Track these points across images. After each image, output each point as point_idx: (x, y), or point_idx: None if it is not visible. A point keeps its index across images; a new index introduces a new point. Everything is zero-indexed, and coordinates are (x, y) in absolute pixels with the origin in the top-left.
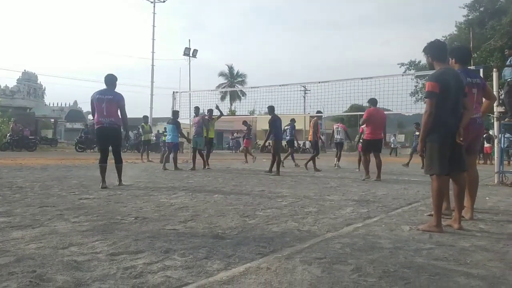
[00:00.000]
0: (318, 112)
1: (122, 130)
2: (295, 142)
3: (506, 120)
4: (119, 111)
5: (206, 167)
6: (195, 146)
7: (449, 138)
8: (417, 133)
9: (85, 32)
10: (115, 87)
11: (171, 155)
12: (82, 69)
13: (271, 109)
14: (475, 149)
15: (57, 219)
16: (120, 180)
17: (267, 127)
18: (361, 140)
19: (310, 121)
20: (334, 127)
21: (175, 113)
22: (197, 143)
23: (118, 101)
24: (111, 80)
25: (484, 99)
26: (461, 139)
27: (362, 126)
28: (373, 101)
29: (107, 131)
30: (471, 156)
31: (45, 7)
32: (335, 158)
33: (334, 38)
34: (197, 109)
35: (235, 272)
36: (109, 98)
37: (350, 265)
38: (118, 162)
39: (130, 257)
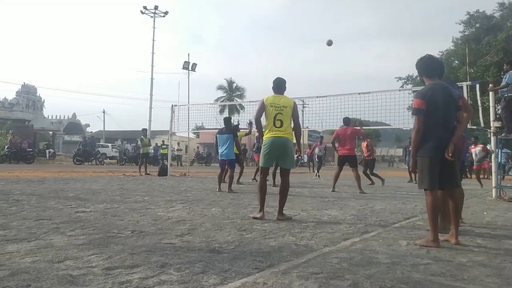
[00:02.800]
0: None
1: None
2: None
3: (503, 135)
4: None
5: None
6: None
7: (439, 152)
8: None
9: (85, 45)
10: None
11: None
12: (81, 82)
13: None
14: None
15: (53, 232)
16: None
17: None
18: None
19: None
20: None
21: (228, 120)
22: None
23: None
24: None
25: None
26: (450, 154)
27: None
28: (344, 120)
29: None
30: None
31: (45, 21)
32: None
33: (332, 52)
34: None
35: (232, 287)
36: None
37: (347, 281)
38: None
39: (125, 271)
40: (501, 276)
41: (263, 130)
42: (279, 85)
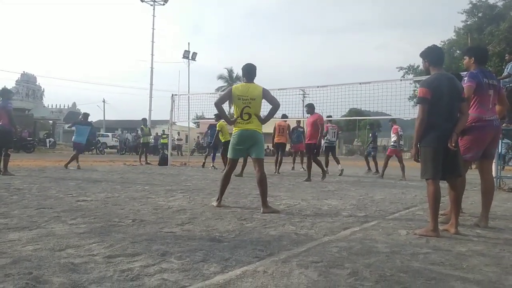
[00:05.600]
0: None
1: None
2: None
3: (504, 125)
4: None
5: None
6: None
7: (442, 142)
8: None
9: (84, 34)
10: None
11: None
12: (81, 71)
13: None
14: (492, 152)
15: (54, 221)
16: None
17: (266, 130)
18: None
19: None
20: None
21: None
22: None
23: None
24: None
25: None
26: (453, 144)
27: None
28: (311, 107)
29: None
30: (488, 161)
31: (44, 9)
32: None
33: (332, 43)
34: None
35: (232, 275)
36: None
37: (347, 269)
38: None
39: (127, 259)
40: (500, 265)
41: (233, 118)
42: (251, 72)
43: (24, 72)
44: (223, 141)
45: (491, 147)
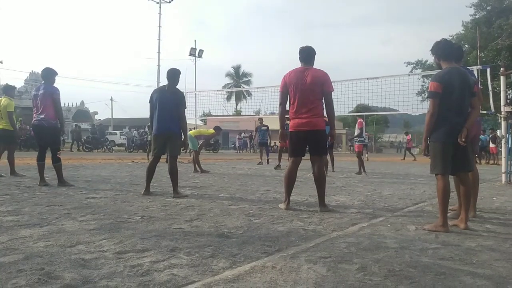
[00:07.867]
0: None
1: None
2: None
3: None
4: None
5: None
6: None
7: (452, 137)
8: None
9: (92, 33)
10: (53, 82)
11: None
12: (89, 70)
13: None
14: (474, 148)
15: (64, 218)
16: (60, 181)
17: (272, 127)
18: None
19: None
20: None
21: None
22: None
23: (51, 95)
24: (46, 74)
25: None
26: (463, 139)
27: None
28: None
29: (39, 129)
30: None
31: (52, 9)
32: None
33: (338, 38)
34: None
35: (241, 270)
36: (41, 93)
37: (356, 264)
38: (54, 161)
39: (136, 255)
40: (510, 261)
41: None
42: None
43: (32, 71)
44: None
45: (473, 143)
